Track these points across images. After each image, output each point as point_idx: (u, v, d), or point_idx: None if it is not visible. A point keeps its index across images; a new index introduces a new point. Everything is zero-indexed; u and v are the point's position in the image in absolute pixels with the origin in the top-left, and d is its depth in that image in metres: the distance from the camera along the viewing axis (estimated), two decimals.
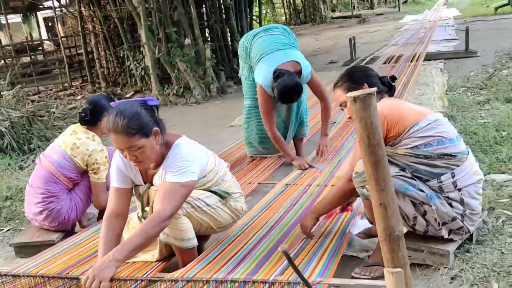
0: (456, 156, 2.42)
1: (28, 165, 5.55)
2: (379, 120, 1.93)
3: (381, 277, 2.41)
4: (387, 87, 2.68)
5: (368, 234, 2.80)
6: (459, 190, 2.42)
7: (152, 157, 2.49)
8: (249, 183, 3.98)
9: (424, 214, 2.42)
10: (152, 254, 2.68)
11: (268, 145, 4.48)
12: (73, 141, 3.40)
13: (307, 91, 4.40)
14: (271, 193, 3.60)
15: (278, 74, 3.85)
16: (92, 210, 3.73)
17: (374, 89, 1.53)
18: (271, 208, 3.30)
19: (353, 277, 2.49)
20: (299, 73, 3.99)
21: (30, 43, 14.46)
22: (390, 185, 1.56)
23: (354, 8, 26.88)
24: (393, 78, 2.72)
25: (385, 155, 1.55)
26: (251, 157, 4.61)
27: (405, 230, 2.58)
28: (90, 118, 3.41)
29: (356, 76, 2.68)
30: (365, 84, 2.60)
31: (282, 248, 1.42)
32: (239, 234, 2.87)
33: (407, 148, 2.41)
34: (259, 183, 4.00)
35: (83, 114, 3.44)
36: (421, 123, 2.42)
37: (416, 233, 2.51)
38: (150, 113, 2.48)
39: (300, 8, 25.16)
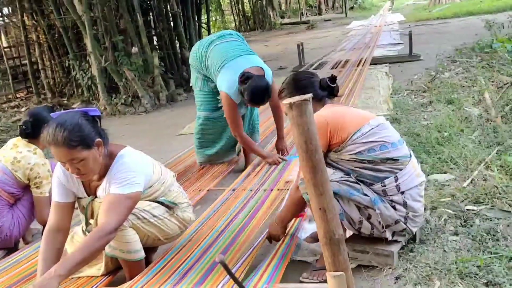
0: (398, 160, 2.48)
1: None
2: (317, 126, 1.99)
3: None
4: (327, 90, 2.69)
5: (316, 238, 2.82)
6: (402, 193, 2.48)
7: (95, 169, 2.44)
8: (199, 190, 3.95)
9: (369, 218, 2.47)
10: (97, 268, 2.62)
11: (220, 153, 4.48)
12: (14, 155, 3.30)
13: None
14: (218, 200, 3.58)
15: (247, 77, 3.86)
16: (37, 226, 3.62)
17: (310, 95, 1.55)
18: (218, 215, 3.28)
19: (301, 282, 2.51)
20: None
21: None
22: (328, 190, 1.58)
23: (302, 15, 27.25)
24: (333, 79, 2.71)
25: (322, 160, 1.57)
26: (201, 164, 4.58)
27: (351, 232, 2.63)
28: (31, 131, 3.32)
29: (297, 86, 2.68)
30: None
31: (219, 259, 1.41)
32: (186, 243, 2.84)
33: (351, 154, 2.46)
34: (208, 190, 3.98)
35: (24, 127, 3.35)
36: (363, 129, 2.47)
37: (362, 235, 2.56)
38: (92, 123, 2.43)
39: (249, 14, 25.28)
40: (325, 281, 2.40)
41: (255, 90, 3.84)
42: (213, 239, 2.87)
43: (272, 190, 3.63)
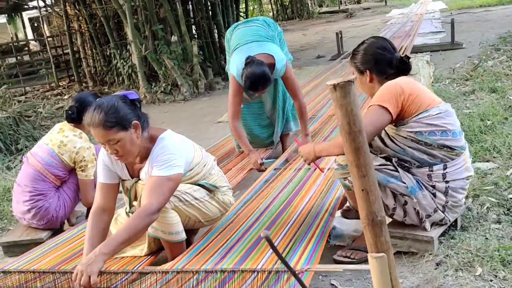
0: (455, 149, 2.46)
1: (16, 165, 5.53)
2: (390, 91, 2.26)
3: (362, 261, 2.49)
4: (397, 69, 2.59)
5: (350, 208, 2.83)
6: (447, 182, 2.46)
7: (133, 150, 2.49)
8: (241, 169, 4.01)
9: (404, 204, 2.47)
10: (140, 249, 2.68)
11: (255, 139, 4.50)
12: (60, 139, 3.40)
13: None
14: (258, 181, 3.60)
15: (249, 62, 3.83)
16: (81, 208, 3.74)
17: (353, 76, 1.55)
18: (260, 196, 3.30)
19: (334, 260, 2.56)
20: (272, 65, 3.95)
21: (16, 43, 14.40)
22: (371, 171, 1.59)
23: (341, 3, 26.97)
24: (403, 60, 2.61)
25: (365, 142, 1.57)
26: (239, 150, 4.61)
27: (389, 220, 2.62)
28: (77, 116, 3.40)
29: (364, 59, 2.62)
30: (368, 71, 2.59)
31: (264, 234, 1.43)
32: (227, 224, 2.87)
33: (410, 131, 2.42)
34: (250, 170, 4.02)
35: (69, 111, 3.45)
36: (432, 111, 2.43)
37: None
38: (130, 106, 2.48)
39: (287, 3, 25.19)
40: (358, 260, 2.49)
41: (250, 76, 3.78)
42: (254, 219, 2.89)
43: (316, 169, 3.62)
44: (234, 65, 4.02)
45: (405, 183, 2.43)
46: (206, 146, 4.91)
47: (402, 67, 2.61)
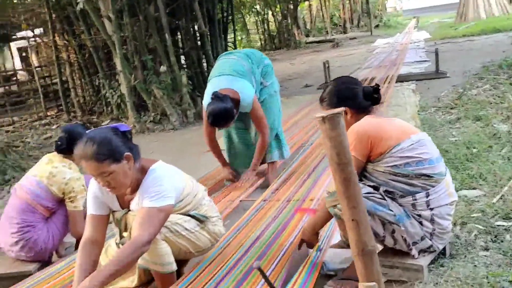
0: (433, 177, 2.49)
1: (3, 196, 5.49)
2: (358, 137, 2.25)
3: None
4: (371, 100, 2.66)
5: (342, 245, 2.85)
6: (431, 209, 2.49)
7: (125, 182, 2.50)
8: (232, 201, 4.03)
9: (392, 232, 2.49)
10: (131, 280, 2.67)
11: (237, 159, 4.65)
12: (50, 170, 3.39)
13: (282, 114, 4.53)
14: (248, 212, 3.63)
15: (213, 97, 3.92)
16: (70, 239, 3.70)
17: (342, 109, 1.59)
18: (250, 226, 3.32)
19: None
20: (238, 101, 4.02)
21: (4, 73, 14.38)
22: (361, 202, 1.61)
23: (327, 33, 27.36)
24: (376, 88, 2.68)
25: (354, 172, 1.61)
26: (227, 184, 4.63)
27: (379, 247, 2.64)
28: (66, 147, 3.40)
29: (337, 99, 2.66)
30: (346, 108, 2.62)
31: (256, 265, 1.45)
32: (218, 254, 2.88)
33: (387, 166, 2.48)
34: (240, 201, 4.06)
35: (59, 142, 3.44)
36: (404, 143, 2.48)
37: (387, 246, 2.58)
38: (122, 138, 2.50)
39: (274, 33, 25.51)
40: None
41: (211, 112, 3.90)
42: (244, 250, 2.90)
43: (304, 200, 3.66)
44: (205, 98, 4.13)
45: (392, 211, 2.46)
46: (195, 176, 4.90)
47: (376, 96, 2.66)
